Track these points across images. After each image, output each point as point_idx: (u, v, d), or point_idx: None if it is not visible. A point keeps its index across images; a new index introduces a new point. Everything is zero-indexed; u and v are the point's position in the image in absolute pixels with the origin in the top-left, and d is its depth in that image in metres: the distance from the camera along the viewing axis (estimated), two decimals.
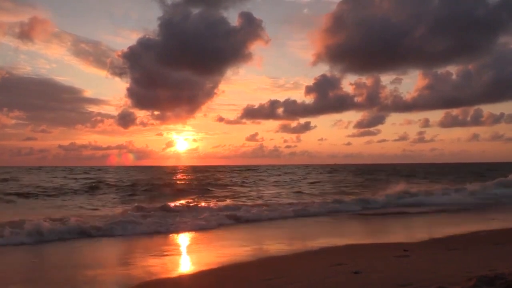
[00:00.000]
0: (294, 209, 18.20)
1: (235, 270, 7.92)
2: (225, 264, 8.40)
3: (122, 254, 10.55)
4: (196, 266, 8.45)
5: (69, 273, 7.87)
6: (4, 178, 41.75)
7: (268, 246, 10.71)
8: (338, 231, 14.01)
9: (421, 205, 20.69)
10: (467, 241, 10.51)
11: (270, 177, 53.49)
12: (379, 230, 14.10)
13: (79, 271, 7.94)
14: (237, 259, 8.86)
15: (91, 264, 8.73)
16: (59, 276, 7.72)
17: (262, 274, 7.21)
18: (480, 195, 24.68)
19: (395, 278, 6.22)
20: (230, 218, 15.41)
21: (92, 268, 8.23)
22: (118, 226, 13.00)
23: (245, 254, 9.46)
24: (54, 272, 8.07)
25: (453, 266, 6.98)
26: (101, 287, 6.97)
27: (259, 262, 8.56)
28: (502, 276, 5.34)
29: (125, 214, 15.02)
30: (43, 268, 8.72)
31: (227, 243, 11.51)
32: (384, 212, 18.27)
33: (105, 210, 18.50)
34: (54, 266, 8.83)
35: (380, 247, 9.94)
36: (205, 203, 20.65)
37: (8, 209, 19.55)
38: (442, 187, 27.27)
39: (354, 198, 22.54)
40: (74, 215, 14.80)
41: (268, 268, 7.81)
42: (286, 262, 8.52)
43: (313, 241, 11.01)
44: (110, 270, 8.22)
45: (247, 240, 12.11)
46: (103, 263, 8.98)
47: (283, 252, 9.63)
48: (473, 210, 19.33)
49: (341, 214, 18.02)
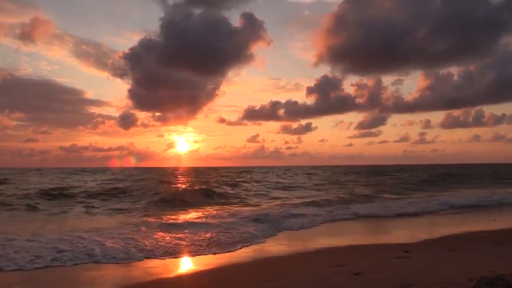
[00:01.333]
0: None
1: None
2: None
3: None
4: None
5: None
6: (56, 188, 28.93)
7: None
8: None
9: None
10: (468, 241, 10.48)
11: (294, 177, 52.15)
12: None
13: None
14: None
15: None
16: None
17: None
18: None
19: (395, 278, 6.20)
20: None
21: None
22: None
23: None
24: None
25: (454, 266, 6.96)
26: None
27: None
28: (503, 277, 5.31)
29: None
30: None
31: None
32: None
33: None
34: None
35: (380, 248, 9.92)
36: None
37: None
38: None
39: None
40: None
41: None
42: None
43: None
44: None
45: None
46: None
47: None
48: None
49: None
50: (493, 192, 27.29)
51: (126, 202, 21.84)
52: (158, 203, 20.75)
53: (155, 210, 18.42)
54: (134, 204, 20.79)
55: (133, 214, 16.87)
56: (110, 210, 18.30)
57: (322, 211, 17.40)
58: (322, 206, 19.44)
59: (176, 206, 19.96)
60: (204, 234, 11.54)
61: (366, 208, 18.87)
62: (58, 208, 18.95)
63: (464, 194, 26.62)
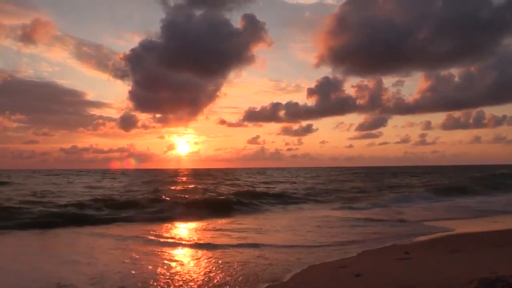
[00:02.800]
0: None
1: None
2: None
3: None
4: None
5: None
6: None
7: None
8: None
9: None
10: (469, 243, 10.46)
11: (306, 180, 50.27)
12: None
13: None
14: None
15: None
16: None
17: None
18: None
19: (396, 280, 6.21)
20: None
21: None
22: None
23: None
24: None
25: (454, 268, 6.96)
26: None
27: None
28: (503, 278, 5.34)
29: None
30: None
31: None
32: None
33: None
34: None
35: (381, 249, 9.92)
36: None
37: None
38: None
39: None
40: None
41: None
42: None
43: None
44: None
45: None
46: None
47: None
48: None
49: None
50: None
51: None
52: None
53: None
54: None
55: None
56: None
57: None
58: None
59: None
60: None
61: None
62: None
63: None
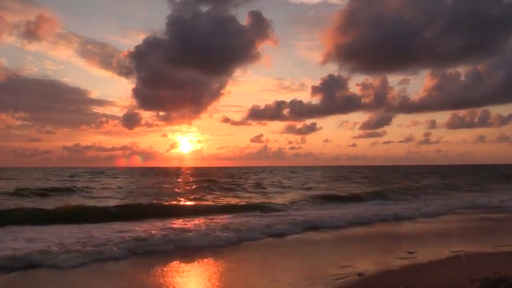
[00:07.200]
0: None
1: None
2: None
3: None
4: None
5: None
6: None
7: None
8: None
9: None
10: (470, 243, 10.42)
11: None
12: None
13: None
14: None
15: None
16: None
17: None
18: None
19: (398, 280, 6.22)
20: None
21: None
22: None
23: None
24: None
25: (457, 268, 6.95)
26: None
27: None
28: (505, 278, 5.33)
29: None
30: None
31: None
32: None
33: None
34: None
35: (383, 250, 9.92)
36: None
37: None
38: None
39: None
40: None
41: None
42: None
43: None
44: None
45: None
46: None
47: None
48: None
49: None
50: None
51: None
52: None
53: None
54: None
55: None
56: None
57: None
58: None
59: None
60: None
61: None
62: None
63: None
